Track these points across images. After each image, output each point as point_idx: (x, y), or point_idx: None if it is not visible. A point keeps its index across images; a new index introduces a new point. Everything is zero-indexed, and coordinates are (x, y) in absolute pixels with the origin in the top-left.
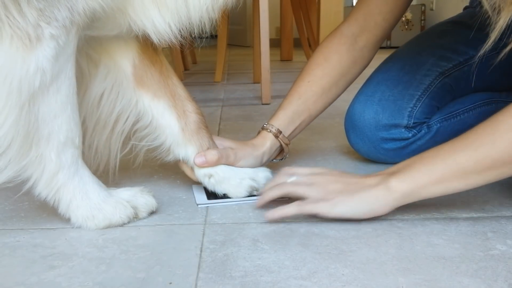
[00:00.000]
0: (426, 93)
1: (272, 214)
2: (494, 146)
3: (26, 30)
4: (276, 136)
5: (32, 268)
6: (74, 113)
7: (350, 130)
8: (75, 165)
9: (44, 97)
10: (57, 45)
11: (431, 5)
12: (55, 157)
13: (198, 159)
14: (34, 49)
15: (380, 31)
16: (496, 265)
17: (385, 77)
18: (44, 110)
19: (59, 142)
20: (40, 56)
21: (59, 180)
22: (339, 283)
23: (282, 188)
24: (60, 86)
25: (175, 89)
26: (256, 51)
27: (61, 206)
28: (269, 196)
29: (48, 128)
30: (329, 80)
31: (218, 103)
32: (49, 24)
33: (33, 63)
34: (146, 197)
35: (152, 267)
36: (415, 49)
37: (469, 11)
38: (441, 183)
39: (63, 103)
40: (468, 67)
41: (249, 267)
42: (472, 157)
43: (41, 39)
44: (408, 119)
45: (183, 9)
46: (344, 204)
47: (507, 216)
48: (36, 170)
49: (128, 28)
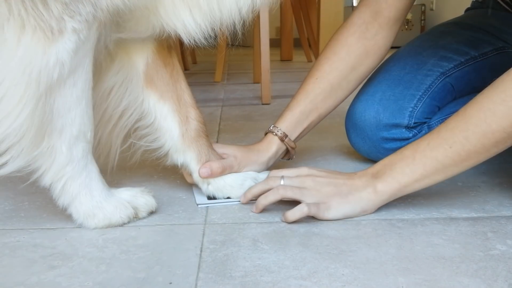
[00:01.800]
0: (427, 93)
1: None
2: (468, 141)
3: (49, 23)
4: (282, 139)
5: (32, 268)
6: (88, 107)
7: (350, 130)
8: (84, 160)
9: (60, 89)
10: (78, 39)
11: (431, 5)
12: (66, 149)
13: (203, 171)
14: (55, 42)
15: (394, 12)
16: (496, 265)
17: (386, 76)
18: (59, 102)
19: (71, 135)
20: (60, 49)
21: (67, 173)
22: (339, 283)
23: (277, 193)
24: (76, 80)
25: (182, 94)
26: (256, 51)
27: (64, 200)
28: (265, 202)
29: (61, 120)
30: (338, 75)
31: (218, 103)
32: (72, 18)
33: (53, 56)
34: (146, 197)
35: (152, 267)
36: (416, 49)
37: (470, 12)
38: (423, 180)
39: (78, 97)
40: (469, 67)
41: (249, 267)
42: (448, 152)
43: (63, 32)
44: (409, 119)
45: (215, 11)
46: (340, 207)
47: (507, 216)
48: (46, 161)
49: (161, 28)
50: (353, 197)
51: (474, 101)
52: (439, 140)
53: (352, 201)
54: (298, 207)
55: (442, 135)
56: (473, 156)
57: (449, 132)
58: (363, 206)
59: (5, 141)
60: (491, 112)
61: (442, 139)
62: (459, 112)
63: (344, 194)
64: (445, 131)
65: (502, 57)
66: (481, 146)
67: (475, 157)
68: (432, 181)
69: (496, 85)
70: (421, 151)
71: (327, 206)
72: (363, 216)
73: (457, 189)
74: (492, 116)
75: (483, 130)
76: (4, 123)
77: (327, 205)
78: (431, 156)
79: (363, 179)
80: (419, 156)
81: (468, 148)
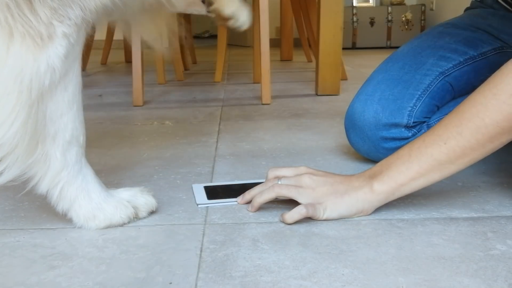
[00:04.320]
0: (426, 92)
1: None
2: (462, 137)
3: (38, 29)
4: None
5: (32, 268)
6: (79, 111)
7: (350, 130)
8: (79, 164)
9: (52, 95)
10: (68, 43)
11: (431, 5)
12: (60, 155)
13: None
14: (45, 48)
15: None
16: (496, 265)
17: (385, 76)
18: (51, 108)
19: (64, 140)
20: (51, 55)
21: (63, 178)
22: (339, 283)
23: (272, 191)
24: (67, 84)
25: None
26: (256, 51)
27: (62, 205)
28: (261, 200)
29: (54, 126)
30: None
31: (218, 103)
32: (61, 22)
33: (44, 62)
34: (146, 197)
35: (152, 267)
36: (415, 49)
37: (469, 12)
38: (419, 178)
39: (70, 102)
40: (468, 67)
41: (249, 267)
42: (443, 148)
43: (53, 38)
44: (408, 118)
45: None
46: (335, 207)
47: (507, 216)
48: (41, 168)
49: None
50: (349, 197)
51: (468, 98)
52: (434, 136)
53: (348, 201)
54: (296, 209)
55: (437, 132)
56: (468, 153)
57: (443, 128)
58: (359, 206)
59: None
60: (483, 106)
61: (437, 136)
62: (454, 110)
63: (340, 194)
64: (440, 127)
65: (501, 57)
66: (475, 142)
67: (470, 153)
68: (428, 180)
69: (488, 81)
70: (416, 148)
71: (323, 206)
72: (363, 216)
73: (457, 189)
74: (484, 111)
75: (476, 124)
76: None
77: (323, 206)
78: (426, 153)
79: (360, 179)
80: (414, 153)
81: (463, 144)
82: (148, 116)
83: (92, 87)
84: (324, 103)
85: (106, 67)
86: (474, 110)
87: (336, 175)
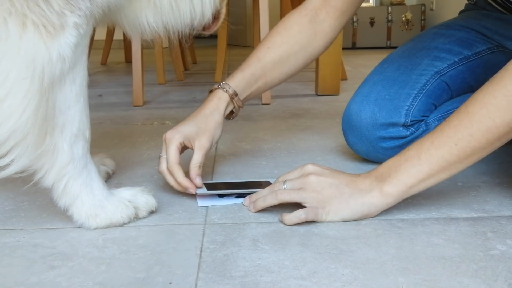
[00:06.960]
0: (422, 91)
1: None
2: (473, 138)
3: (50, 18)
4: (232, 97)
5: (32, 268)
6: (86, 105)
7: (347, 131)
8: (84, 159)
9: (61, 86)
10: (78, 34)
11: (431, 5)
12: (67, 147)
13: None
14: (57, 37)
15: (341, 4)
16: (496, 265)
17: (380, 77)
18: (60, 99)
19: (71, 133)
20: (62, 44)
21: (69, 172)
22: (339, 283)
23: (275, 197)
24: (75, 76)
25: None
26: None
27: (65, 201)
28: (263, 204)
29: (62, 117)
30: (287, 49)
31: None
32: (73, 12)
33: (55, 51)
34: (146, 197)
35: (152, 267)
36: (409, 51)
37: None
38: (428, 179)
39: (77, 94)
40: (463, 66)
41: (249, 267)
42: (454, 149)
43: (64, 27)
44: (405, 117)
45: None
46: (339, 211)
47: (507, 216)
48: (48, 160)
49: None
50: (355, 202)
51: (474, 99)
52: (444, 138)
53: (353, 205)
54: (296, 213)
55: (446, 133)
56: (478, 151)
57: (453, 129)
58: (364, 210)
59: (11, 138)
60: (494, 108)
61: (447, 137)
62: (460, 110)
63: (345, 198)
64: (449, 129)
65: (496, 56)
66: (485, 142)
67: (480, 152)
68: (437, 180)
69: (496, 81)
70: (425, 150)
71: (326, 211)
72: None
73: (457, 189)
74: (495, 112)
75: (487, 125)
76: (11, 119)
77: (326, 210)
78: (437, 155)
79: (366, 181)
80: (424, 155)
81: (474, 145)
82: (148, 116)
83: (92, 87)
84: (324, 103)
85: (106, 67)
86: (485, 111)
87: (342, 175)
